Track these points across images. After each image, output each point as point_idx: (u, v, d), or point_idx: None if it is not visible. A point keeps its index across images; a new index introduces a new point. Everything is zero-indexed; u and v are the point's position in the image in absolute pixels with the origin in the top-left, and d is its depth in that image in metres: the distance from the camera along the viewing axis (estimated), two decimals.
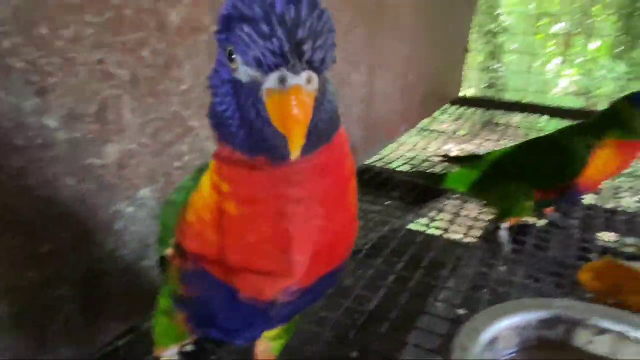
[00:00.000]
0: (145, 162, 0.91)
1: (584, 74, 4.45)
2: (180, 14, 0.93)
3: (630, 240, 1.38)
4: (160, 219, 0.65)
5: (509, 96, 3.05)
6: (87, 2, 0.76)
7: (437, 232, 1.42)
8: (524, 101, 2.93)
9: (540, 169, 1.22)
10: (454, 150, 2.49)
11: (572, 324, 0.72)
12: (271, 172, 0.46)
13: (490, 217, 1.37)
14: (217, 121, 0.47)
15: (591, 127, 1.21)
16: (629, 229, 1.41)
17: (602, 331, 0.70)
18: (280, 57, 0.39)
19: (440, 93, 2.74)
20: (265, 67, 0.39)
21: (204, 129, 1.02)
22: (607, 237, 1.40)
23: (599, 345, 0.71)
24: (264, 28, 0.38)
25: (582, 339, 0.72)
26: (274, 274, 0.51)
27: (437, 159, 1.83)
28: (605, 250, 1.20)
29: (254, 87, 0.41)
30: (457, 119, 2.70)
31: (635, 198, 1.67)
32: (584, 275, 1.08)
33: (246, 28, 0.39)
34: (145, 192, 0.92)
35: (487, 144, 2.32)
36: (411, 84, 2.21)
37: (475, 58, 3.31)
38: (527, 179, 1.23)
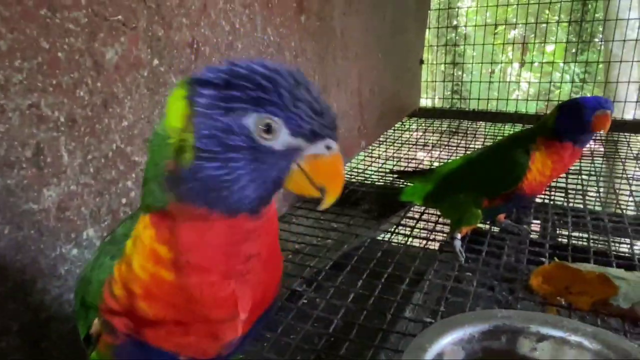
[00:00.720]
0: (88, 203, 0.90)
1: (541, 78, 4.62)
2: (117, 52, 0.93)
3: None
4: (76, 296, 0.61)
5: (473, 103, 3.14)
6: (15, 48, 0.75)
7: (402, 242, 1.46)
8: (487, 108, 3.03)
9: (485, 178, 1.26)
10: (426, 159, 2.52)
11: (514, 333, 0.74)
12: (234, 229, 0.48)
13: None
14: (205, 184, 0.45)
15: (528, 133, 1.29)
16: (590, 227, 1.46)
17: (543, 337, 0.73)
18: (329, 129, 0.47)
19: (398, 106, 2.80)
20: (316, 137, 0.47)
21: None
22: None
23: (542, 351, 0.73)
24: (316, 107, 0.46)
25: (525, 347, 0.74)
26: (218, 335, 0.53)
27: (397, 172, 1.87)
28: (554, 253, 1.24)
29: (290, 153, 0.47)
30: (425, 130, 2.77)
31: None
32: (535, 280, 1.11)
33: (302, 106, 0.45)
34: (90, 232, 0.91)
35: (459, 151, 2.37)
36: (367, 100, 2.25)
37: (437, 68, 3.40)
38: (475, 189, 1.27)
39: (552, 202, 1.66)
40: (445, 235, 1.41)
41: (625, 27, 2.76)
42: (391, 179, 2.01)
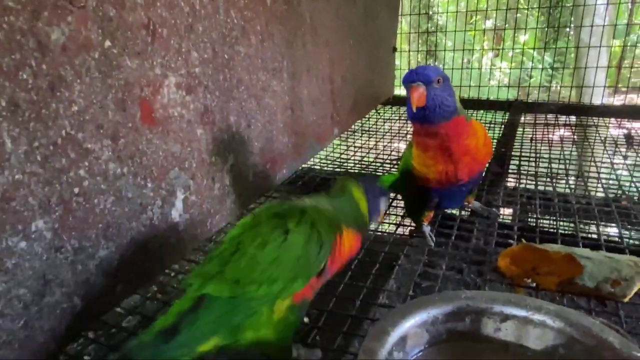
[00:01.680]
0: (36, 193, 0.85)
1: (515, 66, 4.69)
2: (64, 32, 0.87)
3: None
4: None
5: None
6: None
7: (372, 230, 1.45)
8: (463, 96, 3.05)
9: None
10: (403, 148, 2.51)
11: (478, 313, 0.73)
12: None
13: None
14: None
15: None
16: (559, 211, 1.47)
17: (507, 317, 0.72)
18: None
19: (372, 94, 2.78)
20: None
21: (106, 151, 0.97)
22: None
23: (506, 331, 0.72)
24: None
25: (489, 327, 0.73)
26: None
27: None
28: (522, 236, 1.24)
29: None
30: (400, 118, 2.76)
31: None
32: (502, 262, 1.11)
33: None
34: (39, 224, 0.86)
35: None
36: (340, 87, 2.23)
37: (414, 58, 3.40)
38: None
39: (521, 186, 1.67)
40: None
41: (593, 14, 2.80)
42: (366, 166, 2.01)
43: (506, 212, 1.72)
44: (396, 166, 1.93)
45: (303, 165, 1.95)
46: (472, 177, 1.19)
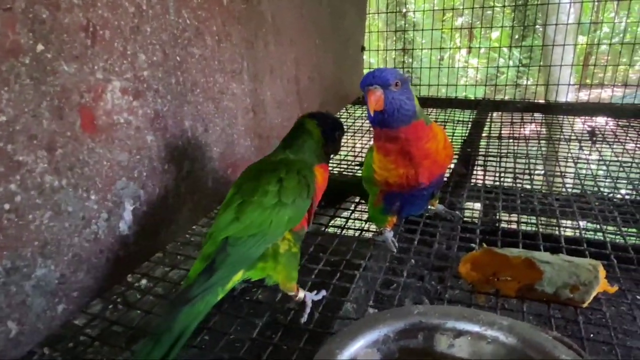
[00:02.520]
0: None
1: (486, 64, 4.74)
2: None
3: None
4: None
5: (423, 90, 3.17)
6: None
7: (351, 232, 1.43)
8: (437, 94, 3.05)
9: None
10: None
11: (430, 330, 0.70)
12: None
13: None
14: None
15: None
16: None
17: (460, 333, 0.69)
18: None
19: (341, 94, 2.74)
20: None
21: (41, 163, 0.90)
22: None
23: (460, 348, 0.70)
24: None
25: (442, 344, 0.70)
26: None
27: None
28: (484, 239, 1.23)
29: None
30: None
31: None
32: (463, 267, 1.09)
33: None
34: None
35: None
36: (306, 87, 2.18)
37: (389, 56, 3.38)
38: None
39: (484, 185, 1.66)
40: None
41: (557, 11, 2.83)
42: (339, 170, 1.98)
43: (474, 212, 1.71)
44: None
45: None
46: (432, 181, 1.17)
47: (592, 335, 0.91)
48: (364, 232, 1.41)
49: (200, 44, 1.36)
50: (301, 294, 1.02)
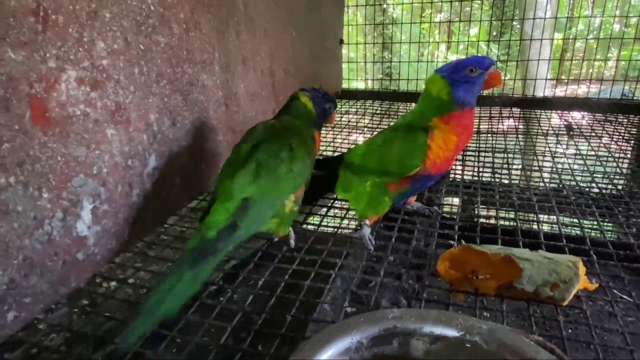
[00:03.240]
0: None
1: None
2: None
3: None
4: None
5: (403, 84, 3.14)
6: None
7: (330, 229, 1.38)
8: (416, 89, 3.02)
9: (386, 162, 1.18)
10: (360, 141, 2.44)
11: (406, 335, 0.65)
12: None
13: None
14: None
15: (423, 111, 1.21)
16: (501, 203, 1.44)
17: (437, 339, 0.65)
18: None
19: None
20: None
21: None
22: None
23: (437, 354, 0.65)
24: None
25: (419, 349, 0.66)
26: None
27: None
28: (463, 235, 1.19)
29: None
30: (357, 111, 2.68)
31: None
32: (442, 266, 1.05)
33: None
34: None
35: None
36: (282, 80, 2.12)
37: (369, 50, 3.34)
38: (378, 174, 1.19)
39: (462, 180, 1.63)
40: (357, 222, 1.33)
41: (535, 7, 2.82)
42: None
43: (453, 207, 1.68)
44: None
45: None
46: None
47: (572, 334, 0.88)
48: (340, 229, 1.36)
49: (166, 32, 1.28)
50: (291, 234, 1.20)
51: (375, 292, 1.01)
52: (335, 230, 1.37)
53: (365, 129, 2.43)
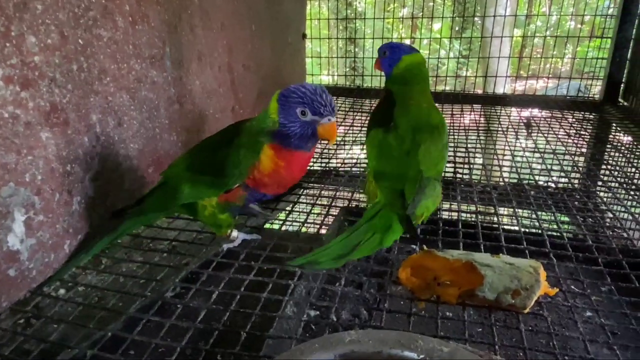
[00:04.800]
0: None
1: (429, 54, 4.78)
2: None
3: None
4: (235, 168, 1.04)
5: (367, 80, 3.11)
6: None
7: (294, 228, 1.32)
8: (380, 85, 2.99)
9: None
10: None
11: None
12: (297, 155, 1.04)
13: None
14: (286, 135, 1.00)
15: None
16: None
17: None
18: (331, 112, 0.99)
19: (281, 83, 2.61)
20: (324, 115, 0.98)
21: None
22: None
23: None
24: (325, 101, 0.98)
25: None
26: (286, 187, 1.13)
27: None
28: (424, 239, 1.17)
29: (314, 123, 0.99)
30: None
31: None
32: (403, 273, 1.02)
33: (316, 104, 0.97)
34: None
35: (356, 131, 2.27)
36: (241, 76, 2.04)
37: (335, 44, 3.28)
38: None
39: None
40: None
41: (495, 4, 2.85)
42: None
43: None
44: None
45: None
46: None
47: (534, 345, 0.86)
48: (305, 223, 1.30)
49: (110, 26, 1.18)
50: (234, 233, 1.18)
51: (336, 303, 0.97)
52: (300, 226, 1.31)
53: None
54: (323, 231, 1.32)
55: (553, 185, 1.60)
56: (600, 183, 1.69)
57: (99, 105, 1.16)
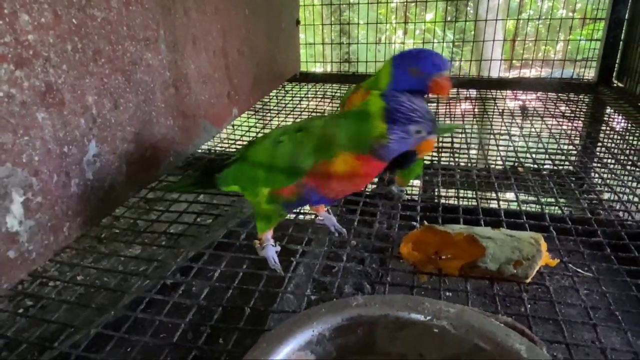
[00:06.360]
0: None
1: (422, 44, 4.76)
2: None
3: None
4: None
5: (362, 66, 3.10)
6: None
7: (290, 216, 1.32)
8: (375, 71, 2.98)
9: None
10: None
11: (371, 324, 0.61)
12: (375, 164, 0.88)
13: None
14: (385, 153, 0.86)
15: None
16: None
17: (403, 325, 0.61)
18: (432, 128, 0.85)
19: (275, 70, 2.60)
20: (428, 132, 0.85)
21: None
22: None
23: (404, 341, 0.62)
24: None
25: (384, 338, 0.62)
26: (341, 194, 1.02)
27: None
28: (425, 216, 1.17)
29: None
30: (315, 96, 2.61)
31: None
32: (405, 248, 1.02)
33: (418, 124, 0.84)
34: None
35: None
36: (236, 61, 2.02)
37: (327, 34, 3.25)
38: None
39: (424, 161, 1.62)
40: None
41: None
42: None
43: (414, 189, 1.67)
44: None
45: (198, 150, 1.74)
46: None
47: (536, 311, 0.87)
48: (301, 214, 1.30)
49: (103, 6, 1.17)
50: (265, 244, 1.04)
51: (339, 278, 0.97)
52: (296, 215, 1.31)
53: (326, 113, 2.37)
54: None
55: (550, 166, 1.61)
56: (596, 160, 1.70)
57: (95, 87, 1.15)
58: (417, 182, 1.63)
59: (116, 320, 0.91)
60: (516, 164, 1.65)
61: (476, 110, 2.54)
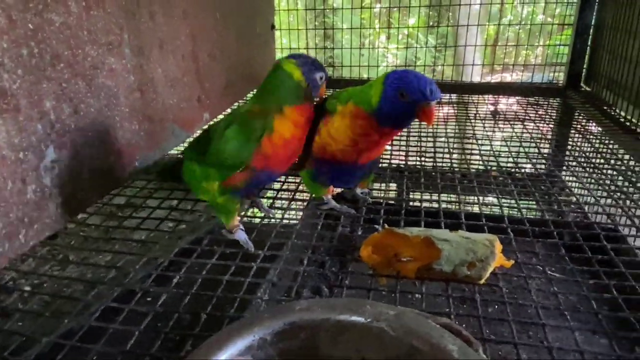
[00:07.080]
0: None
1: (405, 48, 4.81)
2: None
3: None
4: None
5: (345, 71, 3.11)
6: None
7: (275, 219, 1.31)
8: (359, 75, 3.02)
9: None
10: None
11: (313, 328, 0.61)
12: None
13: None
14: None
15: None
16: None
17: (344, 329, 0.62)
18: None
19: (249, 74, 2.59)
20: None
21: None
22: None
23: (345, 344, 0.62)
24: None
25: (326, 341, 0.62)
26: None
27: None
28: (387, 219, 1.18)
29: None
30: None
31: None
32: (365, 251, 1.03)
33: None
34: None
35: None
36: (207, 65, 2.01)
37: (311, 38, 3.26)
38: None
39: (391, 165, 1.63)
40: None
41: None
42: None
43: (381, 192, 1.68)
44: None
45: (164, 155, 1.72)
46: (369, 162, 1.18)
47: (489, 312, 0.89)
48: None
49: (62, 10, 1.15)
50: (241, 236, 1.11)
51: (297, 282, 0.97)
52: (260, 220, 1.31)
53: None
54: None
55: (518, 170, 1.63)
56: (560, 163, 1.74)
57: (53, 92, 1.13)
58: (377, 185, 1.64)
59: (71, 329, 0.89)
60: (489, 167, 1.67)
61: (451, 115, 2.58)
